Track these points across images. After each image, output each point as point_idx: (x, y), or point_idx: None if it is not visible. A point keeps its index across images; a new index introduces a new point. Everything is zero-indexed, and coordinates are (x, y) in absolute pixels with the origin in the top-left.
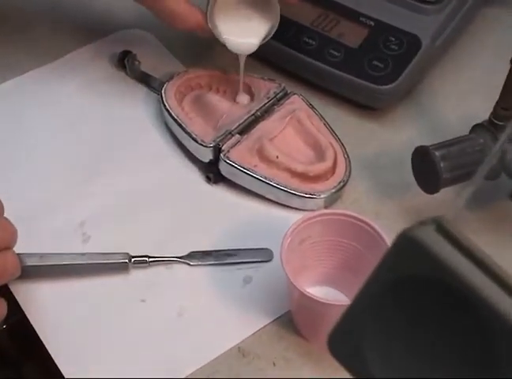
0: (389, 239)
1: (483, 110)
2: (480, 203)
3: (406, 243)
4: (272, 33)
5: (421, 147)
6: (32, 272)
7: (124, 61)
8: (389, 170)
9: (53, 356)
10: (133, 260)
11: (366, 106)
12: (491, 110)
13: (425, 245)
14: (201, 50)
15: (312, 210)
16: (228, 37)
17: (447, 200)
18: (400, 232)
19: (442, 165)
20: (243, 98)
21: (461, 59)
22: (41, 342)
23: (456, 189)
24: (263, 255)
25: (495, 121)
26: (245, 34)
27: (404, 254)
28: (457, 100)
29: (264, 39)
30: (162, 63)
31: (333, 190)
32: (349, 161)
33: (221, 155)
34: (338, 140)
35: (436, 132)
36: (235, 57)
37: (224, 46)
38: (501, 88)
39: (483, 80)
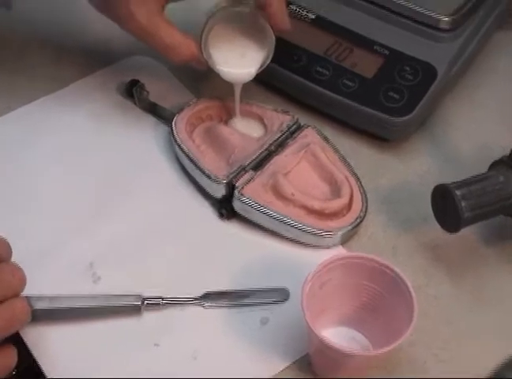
0: (409, 281)
1: (499, 139)
2: (502, 239)
3: None
4: (268, 62)
5: (441, 185)
6: (42, 315)
7: (132, 91)
8: (406, 203)
9: None
10: (145, 302)
11: (380, 137)
12: (509, 140)
13: None
14: (211, 78)
15: (328, 247)
16: (222, 68)
17: (464, 236)
18: None
19: (463, 204)
20: (240, 125)
21: (474, 86)
22: None
23: (475, 226)
24: (280, 295)
25: None
26: (239, 64)
27: None
28: (471, 129)
29: (259, 68)
30: (171, 92)
31: (350, 227)
32: (365, 196)
33: (235, 191)
34: (354, 173)
35: (452, 163)
36: (245, 85)
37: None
38: None
39: (497, 108)
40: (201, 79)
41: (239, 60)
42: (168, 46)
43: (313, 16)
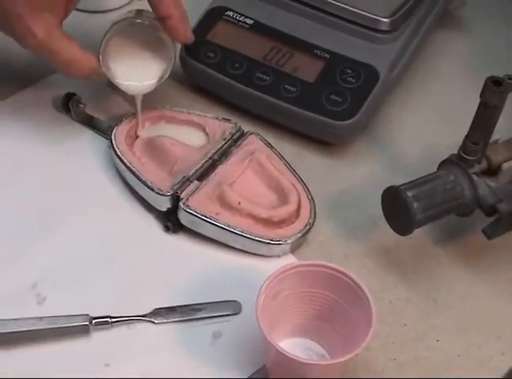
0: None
1: (443, 140)
2: (453, 239)
3: None
4: (168, 73)
5: (392, 187)
6: None
7: (68, 104)
8: (354, 207)
9: None
10: (94, 321)
11: (325, 142)
12: (453, 141)
13: None
14: None
15: (278, 256)
16: (121, 81)
17: (415, 237)
18: None
19: (415, 206)
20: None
21: (414, 86)
22: None
23: (426, 227)
24: (231, 308)
25: (466, 156)
26: (138, 77)
27: None
28: (415, 130)
29: (158, 80)
30: (108, 104)
31: (299, 235)
32: (313, 202)
33: (180, 203)
34: (300, 180)
35: (398, 164)
36: (185, 94)
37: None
38: (457, 112)
39: (438, 106)
40: None
41: (137, 73)
42: (68, 61)
43: (251, 22)
